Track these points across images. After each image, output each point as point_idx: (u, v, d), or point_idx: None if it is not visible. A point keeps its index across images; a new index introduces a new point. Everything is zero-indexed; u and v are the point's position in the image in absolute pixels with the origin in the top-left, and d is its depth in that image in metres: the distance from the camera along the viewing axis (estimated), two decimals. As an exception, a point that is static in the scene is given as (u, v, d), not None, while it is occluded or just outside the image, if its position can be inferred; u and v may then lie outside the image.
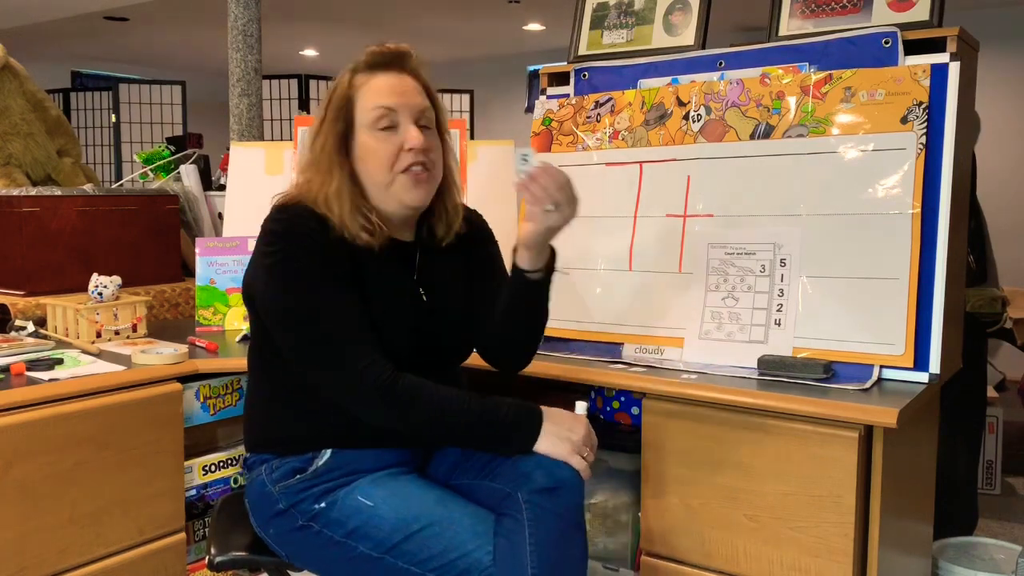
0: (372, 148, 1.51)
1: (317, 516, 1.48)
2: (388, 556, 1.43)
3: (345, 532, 1.46)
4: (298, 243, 1.46)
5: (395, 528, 1.43)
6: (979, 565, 2.26)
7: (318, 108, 1.56)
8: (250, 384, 1.63)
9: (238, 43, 4.30)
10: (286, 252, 1.46)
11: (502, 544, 1.39)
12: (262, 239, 1.49)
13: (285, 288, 1.45)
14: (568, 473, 1.43)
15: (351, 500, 1.47)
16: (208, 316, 2.32)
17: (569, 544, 1.42)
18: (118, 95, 6.97)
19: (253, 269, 1.51)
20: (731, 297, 1.83)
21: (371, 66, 1.53)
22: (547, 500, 1.40)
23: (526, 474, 1.43)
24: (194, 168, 2.96)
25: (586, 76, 2.21)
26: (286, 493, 1.50)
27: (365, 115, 1.51)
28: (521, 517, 1.40)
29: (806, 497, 1.53)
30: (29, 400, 1.58)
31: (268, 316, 1.49)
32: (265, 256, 1.47)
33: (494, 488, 1.48)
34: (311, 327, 1.44)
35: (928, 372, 1.64)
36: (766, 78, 1.92)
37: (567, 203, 1.50)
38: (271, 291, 1.47)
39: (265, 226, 1.50)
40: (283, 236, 1.47)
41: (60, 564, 1.63)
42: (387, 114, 1.50)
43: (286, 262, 1.45)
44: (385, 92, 1.51)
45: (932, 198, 1.70)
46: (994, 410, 3.49)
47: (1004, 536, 2.93)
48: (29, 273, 2.35)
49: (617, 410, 1.94)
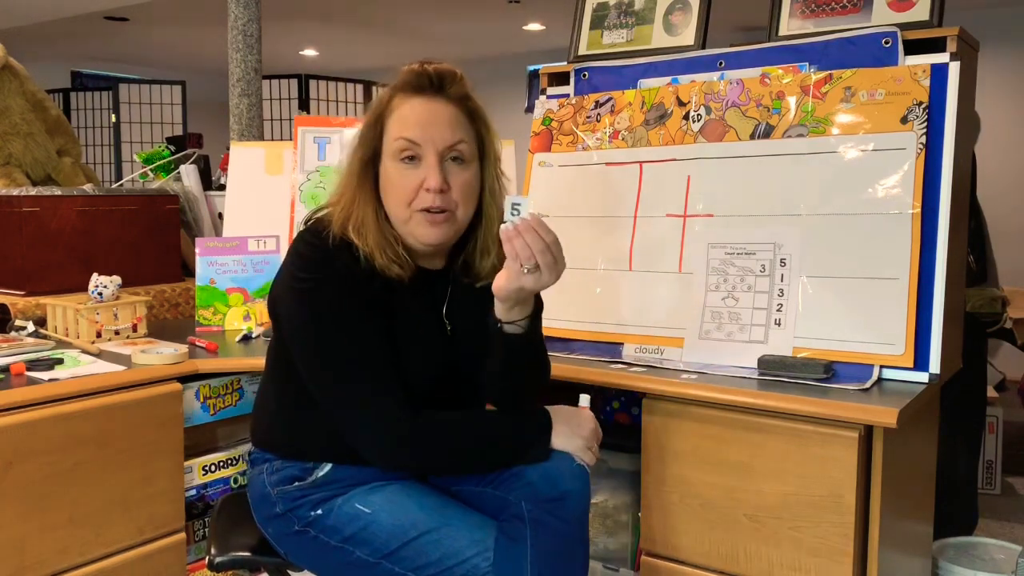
0: (394, 180, 1.43)
1: (313, 522, 1.48)
2: (385, 562, 1.42)
3: (342, 538, 1.45)
4: (329, 275, 1.40)
5: (392, 535, 1.42)
6: (979, 565, 2.26)
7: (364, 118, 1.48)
8: (264, 380, 1.62)
9: (238, 43, 4.30)
10: (318, 282, 1.40)
11: (502, 553, 1.38)
12: (296, 261, 1.44)
13: (313, 320, 1.40)
14: (572, 485, 1.41)
15: (348, 507, 1.46)
16: (208, 316, 2.32)
17: (570, 558, 1.41)
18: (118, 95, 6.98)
19: (282, 288, 1.46)
20: (731, 297, 1.83)
21: (410, 87, 1.43)
22: (550, 511, 1.39)
23: (530, 484, 1.42)
24: (194, 168, 2.96)
25: (586, 76, 2.21)
26: (283, 498, 1.50)
27: (390, 143, 1.43)
28: (523, 527, 1.38)
29: (806, 497, 1.52)
30: (29, 400, 1.58)
31: (292, 342, 1.45)
32: (296, 281, 1.43)
33: (496, 496, 1.46)
34: (335, 365, 1.40)
35: (928, 372, 1.64)
36: (766, 78, 1.92)
37: (547, 268, 1.35)
38: (298, 319, 1.42)
39: (299, 247, 1.45)
40: (317, 265, 1.41)
41: (60, 564, 1.63)
42: (410, 147, 1.41)
43: (316, 292, 1.40)
44: (412, 122, 1.42)
45: (932, 198, 1.70)
46: (994, 410, 3.49)
47: (1004, 536, 2.93)
48: (29, 273, 2.35)
49: (617, 410, 1.94)
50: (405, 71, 1.44)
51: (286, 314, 1.46)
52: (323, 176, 2.43)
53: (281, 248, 2.37)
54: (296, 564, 1.55)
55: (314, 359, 1.42)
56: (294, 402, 1.51)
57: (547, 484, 1.41)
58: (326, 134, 2.46)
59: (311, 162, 2.44)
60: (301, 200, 2.41)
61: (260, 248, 2.36)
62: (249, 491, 1.59)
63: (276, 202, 2.48)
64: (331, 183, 2.37)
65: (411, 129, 1.41)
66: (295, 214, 2.41)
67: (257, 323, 2.29)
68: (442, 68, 1.44)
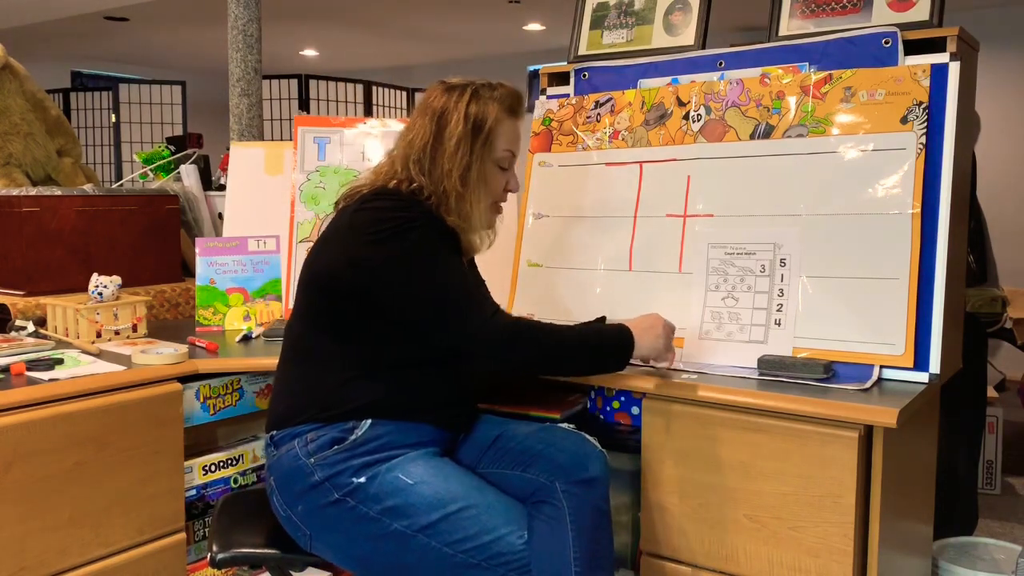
0: (494, 179, 1.70)
1: (355, 491, 1.51)
2: (421, 535, 1.48)
3: (382, 509, 1.49)
4: (418, 216, 1.58)
5: (432, 507, 1.48)
6: (979, 565, 2.26)
7: (452, 117, 1.65)
8: (290, 359, 1.66)
9: (238, 43, 4.30)
10: (409, 222, 1.56)
11: (541, 530, 1.49)
12: (376, 215, 1.57)
13: (414, 252, 1.55)
14: (598, 466, 1.57)
15: (391, 477, 1.51)
16: (208, 316, 2.32)
17: (603, 531, 1.55)
18: (118, 95, 6.97)
19: (366, 239, 1.56)
20: (731, 297, 1.83)
21: (508, 107, 1.70)
22: (584, 491, 1.53)
23: (561, 466, 1.55)
24: (194, 168, 2.96)
25: (586, 76, 2.21)
26: (323, 465, 1.52)
27: (498, 152, 1.69)
28: (562, 506, 1.51)
29: (806, 497, 1.52)
30: (29, 400, 1.58)
31: (390, 284, 1.55)
32: (382, 226, 1.55)
33: (527, 478, 1.57)
34: (442, 286, 1.55)
35: (928, 372, 1.64)
36: (766, 78, 1.92)
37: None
38: (399, 256, 1.54)
39: (372, 205, 1.60)
40: (406, 208, 1.59)
41: (60, 564, 1.63)
42: (510, 158, 1.72)
43: (409, 232, 1.55)
44: (515, 139, 1.73)
45: (932, 198, 1.70)
46: (994, 410, 3.48)
47: (1004, 536, 2.93)
48: (29, 273, 2.35)
49: (617, 410, 1.94)
50: (513, 96, 1.72)
51: (375, 261, 1.54)
52: (323, 176, 2.43)
53: (281, 248, 2.37)
54: (317, 545, 1.55)
55: (423, 286, 1.55)
56: (327, 365, 1.59)
57: (577, 466, 1.55)
58: (326, 134, 2.46)
59: (311, 162, 2.44)
60: (301, 200, 2.41)
61: (260, 248, 2.36)
62: (273, 473, 1.59)
63: (276, 202, 2.48)
64: (332, 183, 2.39)
65: (515, 144, 1.74)
66: (295, 214, 2.41)
67: (257, 323, 2.29)
68: (521, 95, 1.76)
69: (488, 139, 1.67)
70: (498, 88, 1.71)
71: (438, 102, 1.67)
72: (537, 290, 2.13)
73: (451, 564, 1.47)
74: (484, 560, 1.46)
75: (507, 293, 2.15)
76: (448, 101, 1.66)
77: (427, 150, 1.64)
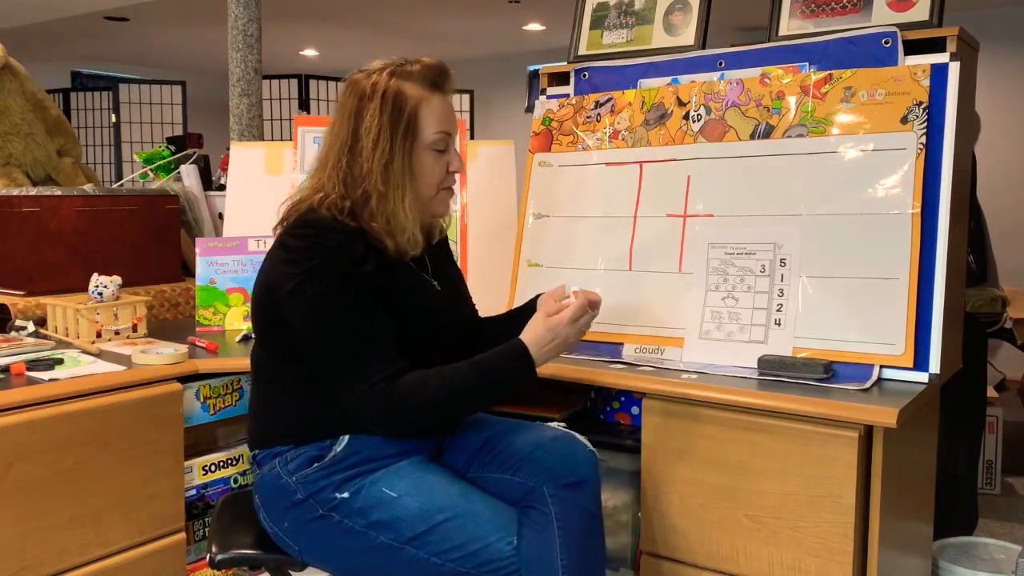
0: (429, 167, 1.57)
1: (338, 506, 1.49)
2: (409, 547, 1.45)
3: (367, 523, 1.47)
4: (331, 258, 1.46)
5: (418, 519, 1.46)
6: (979, 565, 2.26)
7: (367, 111, 1.52)
8: (257, 381, 1.62)
9: (238, 43, 4.30)
10: (313, 270, 1.45)
11: (529, 536, 1.45)
12: (296, 252, 1.48)
13: (323, 301, 1.45)
14: (587, 469, 1.52)
15: (375, 491, 1.48)
16: (208, 316, 2.32)
17: (593, 536, 1.51)
18: (118, 95, 6.97)
19: (280, 276, 1.49)
20: (731, 297, 1.83)
21: (431, 84, 1.56)
22: (571, 494, 1.48)
23: (549, 469, 1.51)
24: (194, 168, 2.96)
25: (586, 76, 2.21)
26: (304, 483, 1.51)
27: (428, 136, 1.55)
28: (548, 511, 1.47)
29: (806, 497, 1.53)
30: (29, 400, 1.58)
31: (302, 323, 1.47)
32: (291, 267, 1.47)
33: (515, 482, 1.53)
34: (343, 340, 1.45)
35: (928, 372, 1.64)
36: (766, 78, 1.92)
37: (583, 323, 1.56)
38: (311, 303, 1.45)
39: (289, 241, 1.50)
40: (315, 251, 1.46)
41: (60, 564, 1.63)
42: (445, 138, 1.58)
43: (310, 281, 1.45)
44: (447, 117, 1.58)
45: (932, 198, 1.70)
46: (994, 410, 3.48)
47: (1004, 536, 2.93)
48: (29, 273, 2.35)
49: (617, 410, 1.94)
50: (426, 67, 1.55)
51: (286, 304, 1.47)
52: (323, 176, 2.43)
53: (281, 248, 2.37)
54: (308, 559, 1.55)
55: (316, 342, 1.48)
56: (299, 386, 1.54)
57: (566, 469, 1.50)
58: (326, 134, 2.46)
59: (311, 162, 2.44)
60: (301, 200, 2.41)
61: (260, 248, 2.35)
62: (258, 492, 1.58)
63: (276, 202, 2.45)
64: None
65: (447, 123, 1.58)
66: (295, 214, 2.40)
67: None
68: (445, 65, 1.59)
69: (412, 125, 1.53)
70: (416, 63, 1.55)
71: (352, 97, 1.54)
72: (537, 290, 2.12)
73: (440, 573, 1.45)
74: (473, 568, 1.43)
75: (507, 293, 2.15)
76: (361, 92, 1.53)
77: (344, 154, 1.53)
